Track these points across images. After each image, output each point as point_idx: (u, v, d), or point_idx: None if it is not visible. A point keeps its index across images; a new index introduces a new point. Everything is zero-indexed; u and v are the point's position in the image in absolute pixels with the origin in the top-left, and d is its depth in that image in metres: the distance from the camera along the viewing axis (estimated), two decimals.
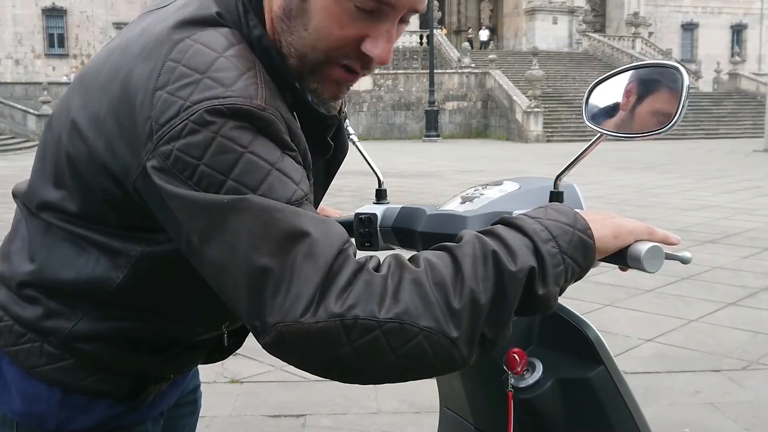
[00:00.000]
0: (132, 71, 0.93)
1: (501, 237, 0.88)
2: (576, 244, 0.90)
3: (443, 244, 0.90)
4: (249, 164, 0.85)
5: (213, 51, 0.90)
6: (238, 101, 0.87)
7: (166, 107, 0.87)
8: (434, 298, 0.83)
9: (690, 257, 0.97)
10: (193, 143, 0.85)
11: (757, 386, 3.76)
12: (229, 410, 3.49)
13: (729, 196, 11.57)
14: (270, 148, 0.88)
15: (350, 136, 1.43)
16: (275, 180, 0.86)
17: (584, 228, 0.92)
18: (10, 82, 39.00)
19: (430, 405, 3.05)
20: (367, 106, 31.67)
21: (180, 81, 0.88)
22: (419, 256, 0.87)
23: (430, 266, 0.85)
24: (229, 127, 0.86)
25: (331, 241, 0.85)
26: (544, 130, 28.90)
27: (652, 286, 5.72)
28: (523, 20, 43.74)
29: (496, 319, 0.85)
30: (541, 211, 0.94)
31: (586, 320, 1.13)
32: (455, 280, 0.84)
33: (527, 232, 0.89)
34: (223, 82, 0.88)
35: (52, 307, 1.04)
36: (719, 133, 31.20)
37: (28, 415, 1.07)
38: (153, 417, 1.17)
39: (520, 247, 0.87)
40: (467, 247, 0.87)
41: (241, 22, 0.97)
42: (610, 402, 1.12)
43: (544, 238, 0.88)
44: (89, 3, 41.35)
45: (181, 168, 0.86)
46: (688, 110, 1.00)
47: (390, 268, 0.85)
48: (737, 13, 52.12)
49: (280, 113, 0.90)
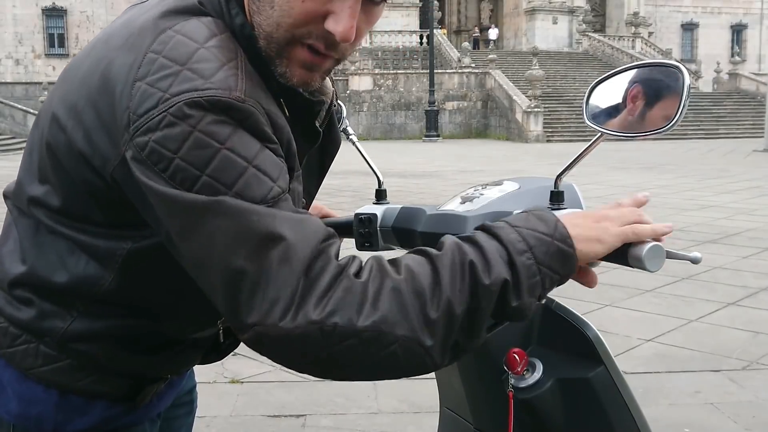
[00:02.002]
0: (113, 62, 0.93)
1: (480, 246, 0.89)
2: (554, 254, 0.90)
3: (424, 249, 0.91)
4: (225, 161, 0.85)
5: (194, 42, 0.90)
6: (218, 93, 0.87)
7: (144, 98, 0.87)
8: (412, 308, 0.84)
9: (700, 257, 0.97)
10: (170, 136, 0.85)
11: (757, 386, 3.76)
12: (229, 410, 3.48)
13: (729, 196, 11.57)
14: (249, 142, 0.87)
15: (350, 136, 1.43)
16: (251, 177, 0.86)
17: (563, 237, 0.92)
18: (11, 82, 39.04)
19: (430, 405, 3.04)
20: (367, 106, 31.66)
21: (160, 72, 0.88)
22: (401, 262, 0.88)
23: (410, 274, 0.86)
24: (207, 121, 0.86)
25: (308, 242, 0.85)
26: (544, 130, 28.90)
27: (652, 286, 5.72)
28: (523, 20, 43.73)
29: (470, 329, 0.87)
30: (523, 217, 0.93)
31: (586, 320, 1.13)
32: (434, 289, 0.85)
33: (504, 243, 0.89)
34: (203, 73, 0.88)
35: (45, 308, 1.04)
36: (719, 133, 31.20)
37: (25, 417, 1.07)
38: (150, 418, 1.17)
39: (495, 259, 0.88)
40: (446, 257, 0.87)
41: (223, 11, 0.97)
42: (610, 402, 1.12)
43: (519, 249, 0.89)
44: (89, 3, 41.34)
45: (156, 160, 0.86)
46: (688, 110, 1.00)
47: (371, 273, 0.86)
48: (737, 13, 52.11)
49: (260, 104, 0.90)
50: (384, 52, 36.28)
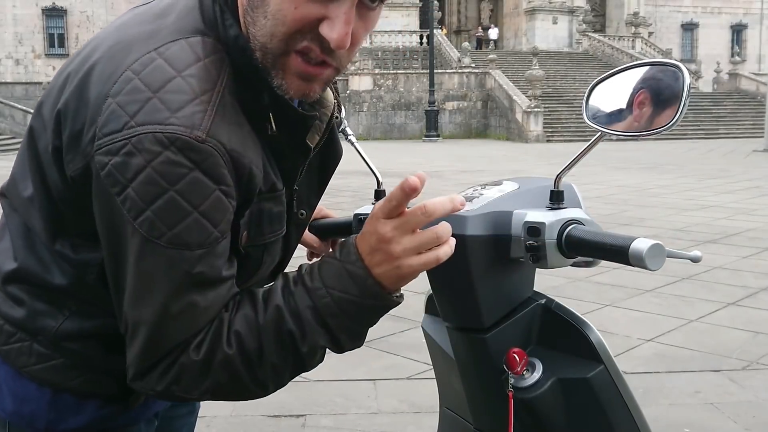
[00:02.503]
0: (95, 66, 0.96)
1: (299, 317, 0.95)
2: (366, 311, 0.97)
3: (253, 308, 0.97)
4: (171, 203, 0.88)
5: (172, 69, 0.91)
6: (179, 131, 0.88)
7: (112, 118, 0.90)
8: (243, 374, 0.96)
9: (700, 255, 0.97)
10: (127, 165, 0.88)
11: (757, 386, 3.76)
12: (229, 410, 3.48)
13: (729, 196, 11.57)
14: (201, 185, 0.90)
15: (349, 137, 1.42)
16: (192, 223, 0.90)
17: (374, 295, 0.94)
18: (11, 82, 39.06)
19: (430, 405, 3.04)
20: (367, 106, 31.66)
21: (131, 95, 0.90)
22: (232, 330, 0.95)
23: (240, 346, 0.94)
24: (162, 159, 0.88)
25: (182, 331, 0.93)
26: (544, 130, 28.89)
27: (652, 286, 5.72)
28: (523, 20, 43.73)
29: (300, 369, 0.99)
30: (336, 275, 0.95)
31: (586, 320, 1.13)
32: (260, 357, 0.95)
33: (319, 311, 0.95)
34: (170, 105, 0.89)
35: (38, 307, 1.05)
36: (719, 133, 31.19)
37: (19, 414, 1.08)
38: (147, 418, 1.17)
39: (311, 327, 0.95)
40: (269, 328, 0.95)
41: (217, 23, 0.97)
42: (610, 402, 1.12)
43: (332, 313, 0.95)
44: (89, 3, 41.34)
45: (112, 183, 0.90)
46: (688, 110, 1.00)
47: (205, 350, 0.94)
48: (737, 13, 52.11)
49: (222, 145, 0.91)
50: (384, 52, 36.28)
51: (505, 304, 1.15)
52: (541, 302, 1.16)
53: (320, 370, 1.16)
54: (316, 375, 3.90)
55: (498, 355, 1.12)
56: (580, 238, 1.05)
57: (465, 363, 1.19)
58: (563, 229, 1.06)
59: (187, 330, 0.93)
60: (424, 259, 0.94)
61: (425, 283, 1.19)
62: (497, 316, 1.14)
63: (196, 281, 0.92)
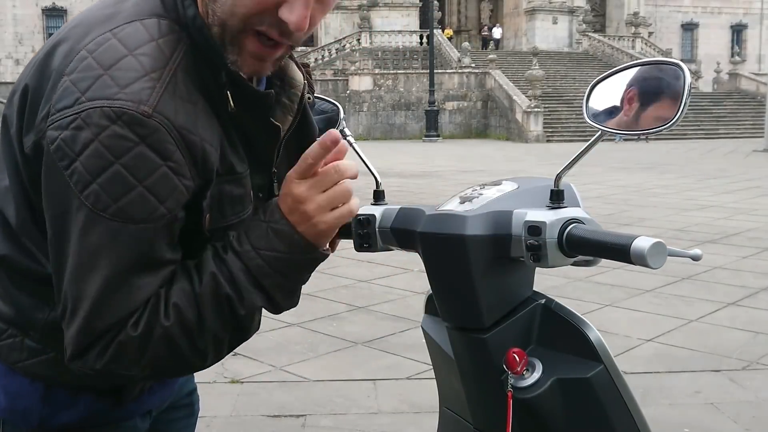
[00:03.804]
0: (56, 48, 0.99)
1: (234, 280, 0.98)
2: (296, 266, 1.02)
3: (189, 277, 0.99)
4: (116, 176, 0.90)
5: (124, 48, 0.94)
6: (126, 105, 0.90)
7: (65, 95, 0.93)
8: (183, 346, 0.97)
9: (700, 254, 0.97)
10: (75, 138, 0.90)
11: (757, 386, 3.76)
12: (229, 410, 3.48)
13: (729, 196, 11.57)
14: (146, 160, 0.91)
15: (347, 137, 1.42)
16: (137, 197, 0.91)
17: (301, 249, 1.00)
18: (11, 82, 38.99)
19: (430, 405, 3.04)
20: (367, 106, 31.66)
21: (84, 72, 0.93)
22: (170, 301, 0.96)
23: (178, 317, 0.96)
24: (109, 133, 0.90)
25: (121, 309, 0.94)
26: (544, 130, 28.90)
27: (652, 286, 5.72)
28: (523, 20, 43.72)
29: (238, 337, 1.03)
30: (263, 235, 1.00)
31: (586, 320, 1.13)
32: (200, 326, 0.97)
33: (252, 271, 0.98)
34: (120, 81, 0.91)
35: (23, 301, 1.05)
36: (719, 133, 31.19)
37: (13, 410, 1.08)
38: (141, 413, 1.18)
39: (247, 290, 0.98)
40: (206, 294, 0.97)
41: (177, 4, 0.99)
42: (610, 402, 1.12)
43: (265, 273, 0.99)
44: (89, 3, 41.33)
45: (60, 156, 0.91)
46: (688, 110, 1.00)
47: (143, 325, 0.95)
48: (737, 13, 52.11)
49: (170, 121, 0.92)
50: (384, 52, 36.29)
51: (505, 303, 1.14)
52: (541, 302, 1.16)
53: (320, 370, 1.16)
54: (316, 375, 3.90)
55: (498, 355, 1.12)
56: (581, 237, 1.04)
57: (465, 363, 1.19)
58: (564, 228, 1.06)
59: (125, 308, 0.94)
60: (338, 213, 1.01)
61: (425, 283, 1.19)
62: (497, 316, 1.13)
63: (139, 259, 0.93)
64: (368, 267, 6.26)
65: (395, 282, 5.82)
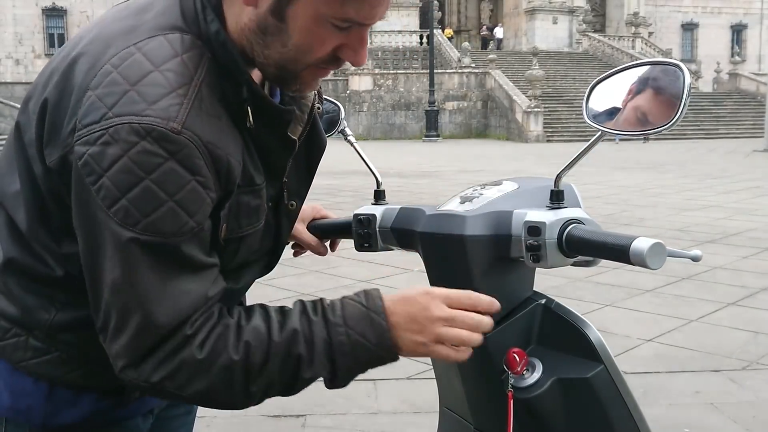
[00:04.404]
0: (77, 60, 0.98)
1: (312, 343, 0.99)
2: (373, 360, 1.02)
3: (268, 321, 0.99)
4: (146, 192, 0.91)
5: (150, 63, 0.94)
6: (155, 122, 0.91)
7: (91, 110, 0.93)
8: (238, 384, 0.97)
9: (700, 254, 0.97)
10: (104, 154, 0.91)
11: (757, 386, 3.76)
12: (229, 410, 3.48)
13: (729, 196, 11.57)
14: (176, 175, 0.92)
15: (348, 137, 1.43)
16: (167, 212, 0.92)
17: (388, 348, 1.01)
18: (11, 82, 39.04)
19: (430, 405, 3.04)
20: (367, 106, 31.65)
21: (109, 87, 0.93)
22: (243, 334, 0.97)
23: (246, 355, 0.96)
24: (139, 149, 0.90)
25: (171, 316, 0.94)
26: (544, 130, 28.89)
27: (652, 286, 5.71)
28: (523, 20, 43.70)
29: (280, 394, 1.02)
30: (357, 315, 1.01)
31: (586, 320, 1.13)
32: (260, 371, 0.97)
33: (333, 343, 0.99)
34: (147, 98, 0.92)
35: (29, 301, 1.06)
36: (719, 133, 31.19)
37: (16, 409, 1.08)
38: (142, 413, 1.18)
39: (320, 358, 0.99)
40: (281, 346, 0.97)
41: (198, 18, 1.00)
42: (610, 402, 1.12)
43: (343, 351, 0.99)
44: (89, 3, 41.34)
45: (88, 172, 0.92)
46: (688, 110, 1.00)
47: (212, 347, 0.95)
48: (737, 13, 52.09)
49: (198, 137, 0.93)
50: (384, 52, 36.27)
51: (505, 303, 1.15)
52: (541, 302, 1.16)
53: None
54: None
55: (498, 355, 1.12)
56: (580, 238, 1.05)
57: (465, 363, 1.19)
58: (564, 229, 1.06)
59: (175, 315, 0.94)
60: (443, 350, 1.02)
61: (425, 283, 1.19)
62: (497, 316, 1.14)
63: (176, 267, 0.94)
64: (368, 267, 6.25)
65: (395, 282, 5.81)
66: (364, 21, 0.98)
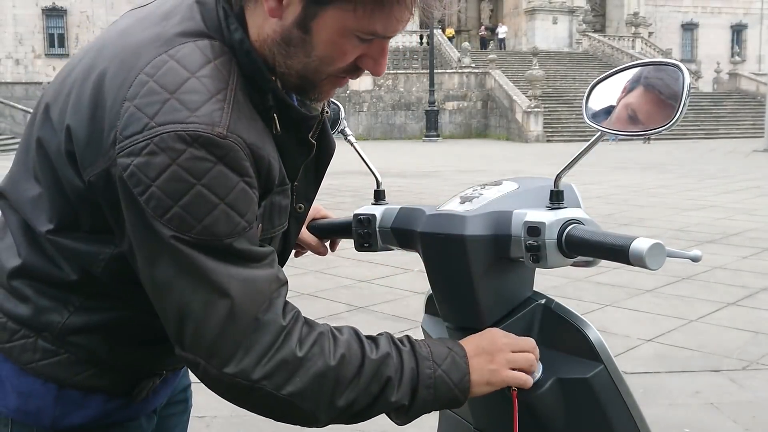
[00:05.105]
0: (105, 74, 0.97)
1: (402, 368, 1.02)
2: (450, 401, 1.06)
3: (366, 338, 1.04)
4: (198, 197, 0.91)
5: (186, 70, 0.94)
6: (200, 128, 0.91)
7: (132, 121, 0.92)
8: (326, 393, 0.98)
9: (700, 254, 0.97)
10: (151, 164, 0.91)
11: (757, 386, 3.76)
12: (229, 410, 3.47)
13: (729, 196, 11.57)
14: (225, 178, 0.93)
15: (348, 137, 1.43)
16: (220, 214, 0.93)
17: (464, 390, 1.06)
18: (11, 82, 39.06)
19: None
20: (367, 106, 31.66)
21: (148, 97, 0.92)
22: (340, 344, 1.00)
23: (340, 365, 0.98)
24: (187, 156, 0.90)
25: (257, 297, 0.95)
26: (544, 130, 28.90)
27: (652, 286, 5.71)
28: (523, 20, 43.72)
29: (355, 417, 1.03)
30: (443, 355, 1.06)
31: (586, 320, 1.13)
32: (350, 384, 0.99)
33: (419, 375, 1.03)
34: (189, 105, 0.92)
35: (42, 303, 1.06)
36: (719, 133, 31.20)
37: (24, 411, 1.08)
38: (147, 413, 1.18)
39: (406, 386, 1.02)
40: (374, 364, 1.00)
41: (221, 26, 1.00)
42: (610, 402, 1.12)
43: (427, 384, 1.03)
44: (89, 3, 41.33)
45: (135, 183, 0.92)
46: (688, 110, 1.00)
47: (310, 349, 0.97)
48: (737, 13, 52.09)
49: (242, 139, 0.94)
50: None
51: (505, 304, 1.15)
52: (541, 302, 1.16)
53: None
54: None
55: None
56: (580, 238, 1.05)
57: None
58: (563, 229, 1.06)
59: (256, 295, 0.95)
60: (513, 375, 1.08)
61: (425, 283, 1.19)
62: (497, 316, 1.14)
63: (237, 258, 0.95)
64: (368, 267, 6.25)
65: (395, 282, 5.81)
66: (388, 34, 1.00)
